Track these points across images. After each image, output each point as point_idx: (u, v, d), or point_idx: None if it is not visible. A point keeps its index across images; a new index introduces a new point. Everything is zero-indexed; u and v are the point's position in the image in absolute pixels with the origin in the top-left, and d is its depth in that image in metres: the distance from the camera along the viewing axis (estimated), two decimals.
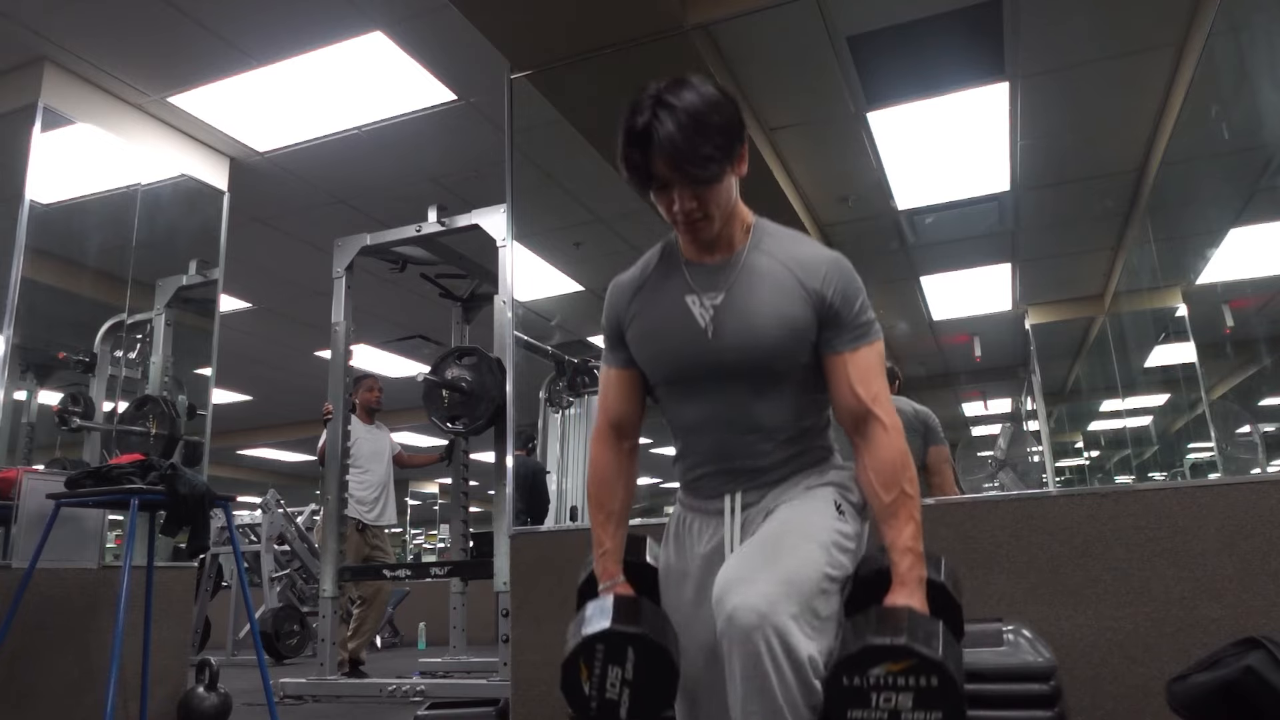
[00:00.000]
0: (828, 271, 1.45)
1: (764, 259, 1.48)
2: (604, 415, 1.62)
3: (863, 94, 3.96)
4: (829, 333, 1.45)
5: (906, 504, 1.39)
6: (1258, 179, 4.77)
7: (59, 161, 3.66)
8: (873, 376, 1.45)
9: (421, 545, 18.27)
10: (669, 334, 1.50)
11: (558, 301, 5.91)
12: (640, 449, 1.66)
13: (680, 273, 1.52)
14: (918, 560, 1.37)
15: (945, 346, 8.28)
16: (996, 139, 4.42)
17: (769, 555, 1.36)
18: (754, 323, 1.44)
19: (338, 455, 4.26)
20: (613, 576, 1.54)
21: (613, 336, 1.59)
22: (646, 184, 1.40)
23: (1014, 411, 10.23)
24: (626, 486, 1.61)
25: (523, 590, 2.72)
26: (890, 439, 1.42)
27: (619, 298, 1.58)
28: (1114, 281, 6.48)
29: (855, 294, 1.46)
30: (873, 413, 1.43)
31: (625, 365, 1.59)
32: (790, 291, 1.44)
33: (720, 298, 1.46)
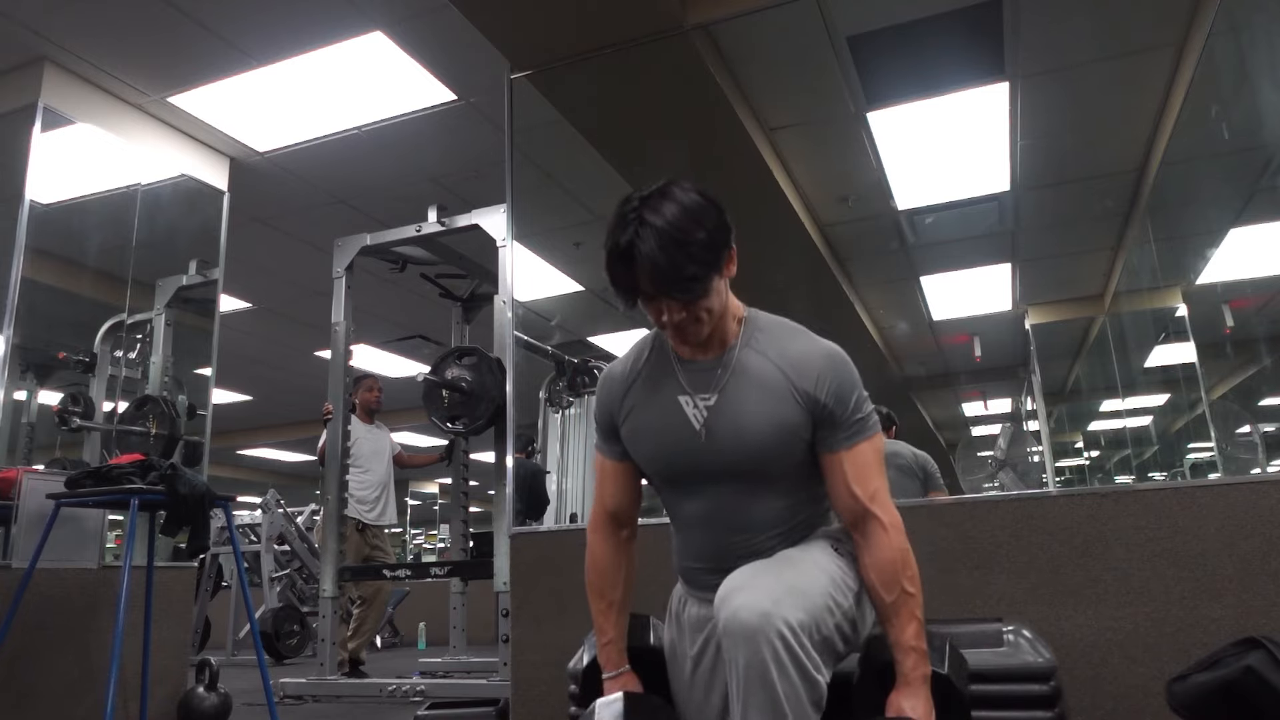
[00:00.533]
0: (820, 372, 1.43)
1: (756, 358, 1.47)
2: (601, 506, 1.62)
3: (863, 94, 3.96)
4: (824, 432, 1.44)
5: (908, 603, 1.39)
6: (1258, 179, 4.77)
7: (59, 161, 3.66)
8: (870, 474, 1.44)
9: (421, 545, 18.27)
10: (663, 435, 1.49)
11: (558, 301, 5.91)
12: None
13: (672, 370, 1.51)
14: (921, 659, 1.37)
15: (945, 346, 8.27)
16: (996, 139, 4.42)
17: (774, 569, 1.38)
18: (747, 426, 1.43)
19: (338, 455, 4.26)
20: (617, 666, 1.55)
21: (606, 429, 1.59)
22: (633, 299, 1.39)
23: (1014, 411, 10.23)
24: (627, 575, 1.61)
25: (523, 590, 2.72)
26: (890, 538, 1.41)
27: (612, 392, 1.57)
28: (1114, 281, 6.48)
29: (849, 392, 1.44)
30: (871, 512, 1.42)
31: (620, 458, 1.59)
32: (783, 394, 1.43)
33: (714, 399, 1.46)
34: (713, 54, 3.44)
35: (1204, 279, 5.76)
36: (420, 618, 8.12)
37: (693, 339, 1.44)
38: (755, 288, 1.78)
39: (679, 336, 1.44)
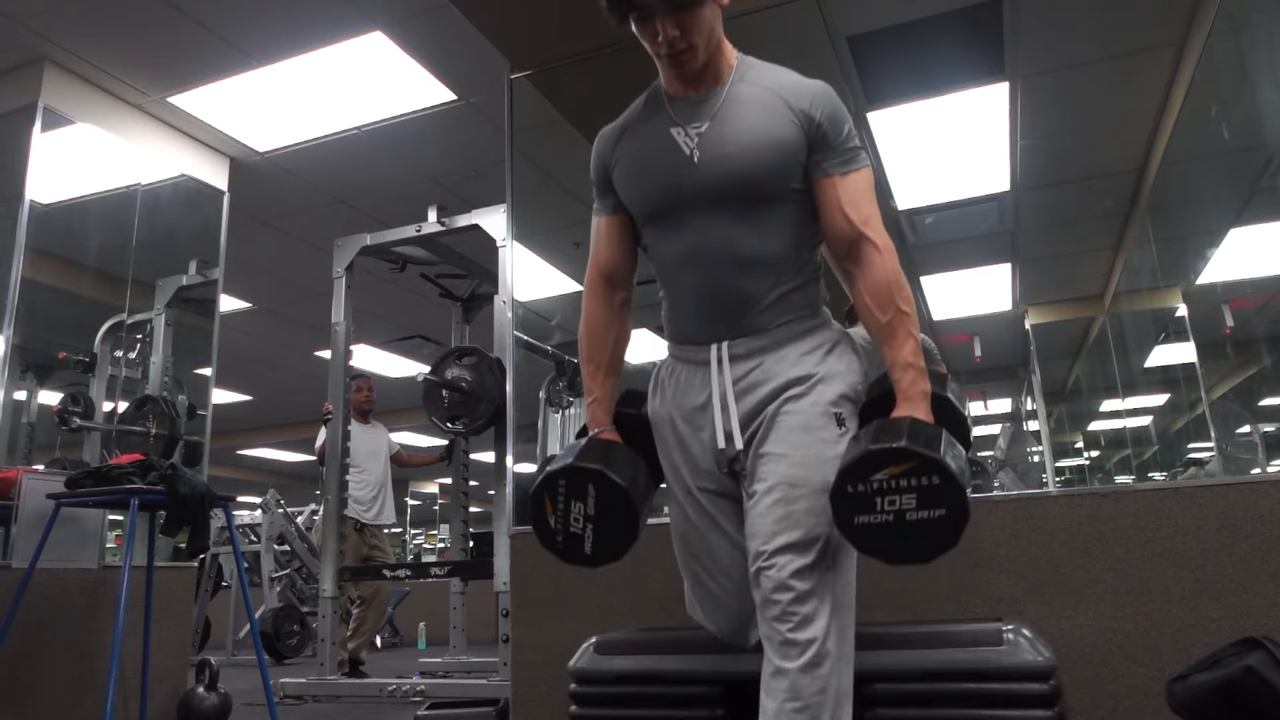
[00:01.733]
0: (815, 95, 1.45)
1: (750, 88, 1.47)
2: (595, 266, 1.63)
3: (863, 94, 3.96)
4: (818, 155, 1.44)
5: (903, 321, 1.40)
6: (1258, 179, 4.77)
7: (59, 161, 3.66)
8: (864, 200, 1.45)
9: (421, 545, 18.27)
10: (654, 166, 1.49)
11: (558, 301, 5.90)
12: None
13: (665, 109, 1.52)
14: (920, 375, 1.38)
15: (945, 346, 8.27)
16: (996, 139, 4.42)
17: (788, 519, 1.38)
18: (740, 144, 1.43)
19: (338, 455, 4.26)
20: (600, 424, 1.57)
21: (600, 183, 1.60)
22: (626, 13, 1.39)
23: (1014, 411, 10.22)
24: (618, 338, 1.61)
25: (523, 590, 2.72)
26: (883, 259, 1.42)
27: (605, 144, 1.58)
28: (1114, 281, 6.47)
29: (843, 119, 1.46)
30: (864, 235, 1.43)
31: (614, 211, 1.59)
32: (777, 113, 1.44)
33: (705, 126, 1.46)
34: None
35: (1204, 279, 5.75)
36: (420, 618, 8.12)
37: (688, 65, 1.44)
38: None
39: (673, 63, 1.44)
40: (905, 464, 1.25)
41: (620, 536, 1.46)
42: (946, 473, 1.24)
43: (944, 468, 1.24)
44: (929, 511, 1.25)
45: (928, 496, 1.25)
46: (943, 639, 1.69)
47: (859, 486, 1.27)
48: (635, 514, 1.45)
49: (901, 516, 1.25)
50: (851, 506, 1.28)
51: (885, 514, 1.26)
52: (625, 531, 1.46)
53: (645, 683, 1.83)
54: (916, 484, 1.25)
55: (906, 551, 1.29)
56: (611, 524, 1.45)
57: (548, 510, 1.48)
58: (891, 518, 1.26)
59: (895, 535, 1.26)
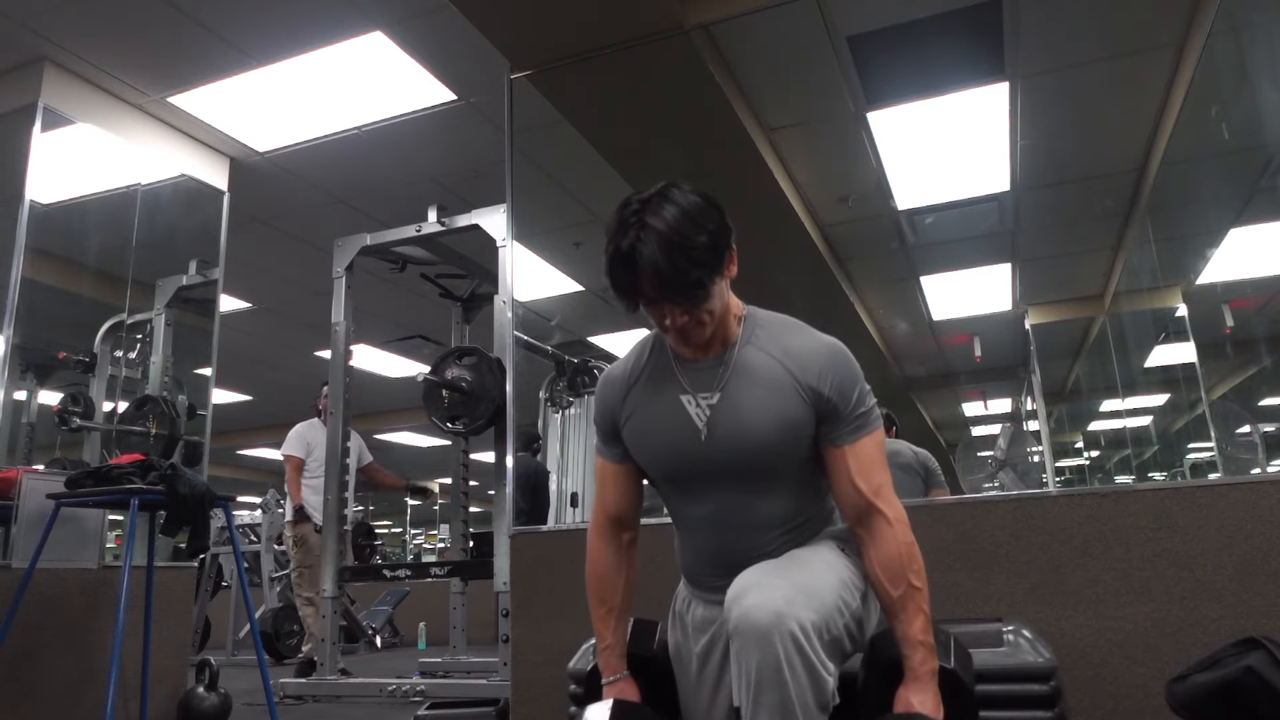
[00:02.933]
0: (823, 367, 1.43)
1: (757, 355, 1.46)
2: (601, 509, 1.61)
3: (863, 94, 3.96)
4: (827, 427, 1.44)
5: (915, 597, 1.38)
6: (1258, 179, 4.77)
7: (59, 161, 3.66)
8: (874, 468, 1.43)
9: (421, 545, 18.27)
10: (666, 436, 1.48)
11: (558, 301, 5.91)
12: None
13: (673, 371, 1.50)
14: (929, 654, 1.37)
15: (945, 346, 8.28)
16: (996, 139, 4.42)
17: (784, 568, 1.37)
18: (751, 424, 1.42)
19: (338, 455, 4.26)
20: (615, 672, 1.55)
21: (607, 432, 1.58)
22: (635, 303, 1.38)
23: (1014, 411, 10.23)
24: (627, 581, 1.60)
25: (523, 590, 2.72)
26: (894, 532, 1.40)
27: (612, 394, 1.56)
28: (1114, 281, 6.48)
29: (852, 385, 1.43)
30: (875, 506, 1.42)
31: (621, 460, 1.58)
32: (786, 390, 1.42)
33: (716, 398, 1.45)
34: (713, 54, 3.44)
35: (1204, 279, 5.75)
36: (420, 618, 8.12)
37: (695, 341, 1.44)
38: (755, 288, 1.78)
39: (681, 339, 1.44)
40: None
41: None
42: None
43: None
44: None
45: None
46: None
47: None
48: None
49: None
50: None
51: None
52: None
53: None
54: None
55: None
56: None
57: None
58: None
59: None
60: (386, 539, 16.67)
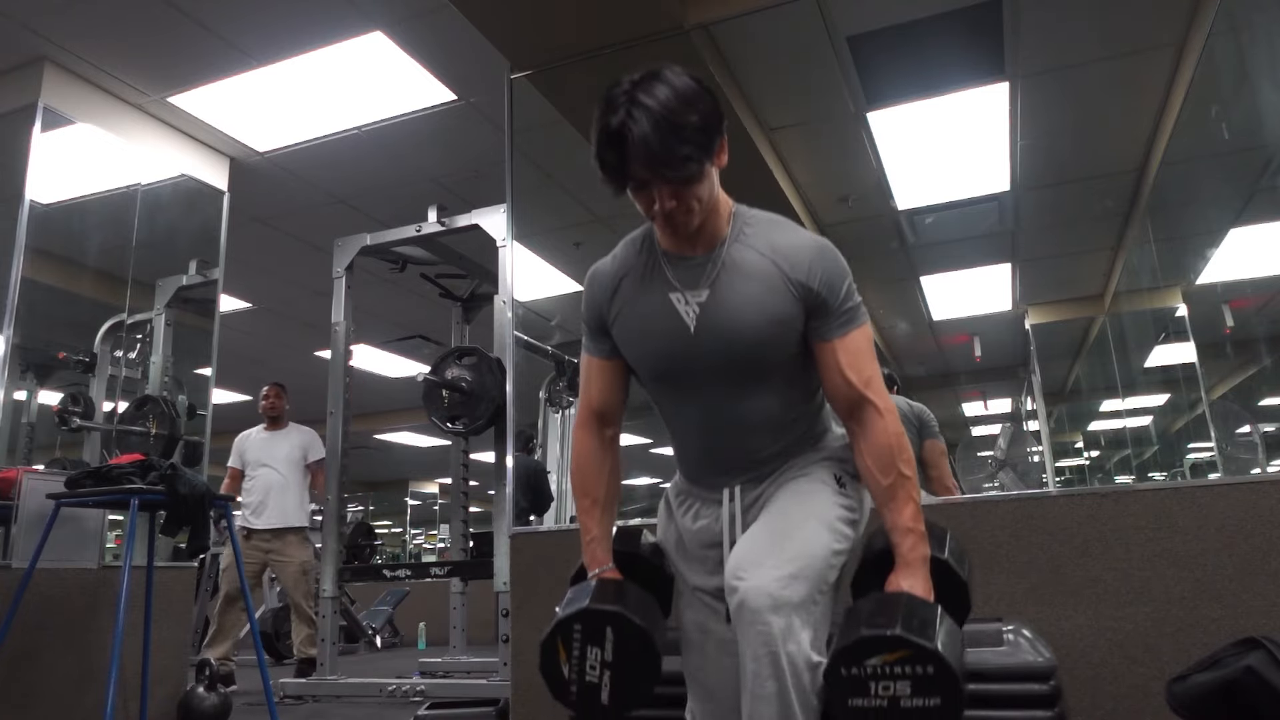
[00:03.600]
0: (812, 262, 1.43)
1: (747, 251, 1.45)
2: (586, 404, 1.61)
3: (863, 94, 3.96)
4: (816, 321, 1.44)
5: (904, 485, 1.39)
6: (1258, 179, 4.77)
7: (59, 161, 3.66)
8: (864, 361, 1.44)
9: (421, 545, 18.28)
10: (656, 334, 1.48)
11: (558, 301, 5.91)
12: (641, 449, 1.67)
13: (661, 269, 1.49)
14: (919, 540, 1.37)
15: (945, 346, 8.28)
16: (996, 139, 4.42)
17: (777, 538, 1.38)
18: (741, 320, 1.42)
19: (337, 454, 4.26)
20: (601, 563, 1.54)
21: (594, 328, 1.58)
22: (623, 185, 1.37)
23: (1014, 411, 10.23)
24: (612, 473, 1.60)
25: (523, 590, 2.72)
26: (885, 422, 1.41)
27: (600, 289, 1.56)
28: (1114, 281, 6.48)
29: (840, 280, 1.44)
30: (866, 397, 1.42)
31: (609, 356, 1.58)
32: (775, 285, 1.42)
33: (705, 295, 1.44)
34: (713, 54, 3.44)
35: (1204, 279, 5.76)
36: (420, 618, 8.12)
37: (683, 230, 1.42)
38: None
39: (669, 227, 1.42)
40: (900, 652, 1.24)
41: (640, 683, 1.40)
42: (942, 662, 1.22)
43: (939, 658, 1.22)
44: (924, 700, 1.23)
45: (922, 685, 1.23)
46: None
47: (853, 670, 1.25)
48: (657, 657, 1.40)
49: (896, 703, 1.24)
50: (845, 689, 1.26)
51: (879, 699, 1.24)
52: (645, 676, 1.40)
53: None
54: (911, 672, 1.23)
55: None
56: (631, 669, 1.39)
57: (561, 658, 1.42)
58: (885, 703, 1.24)
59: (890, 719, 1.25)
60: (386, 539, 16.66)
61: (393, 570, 4.64)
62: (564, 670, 1.42)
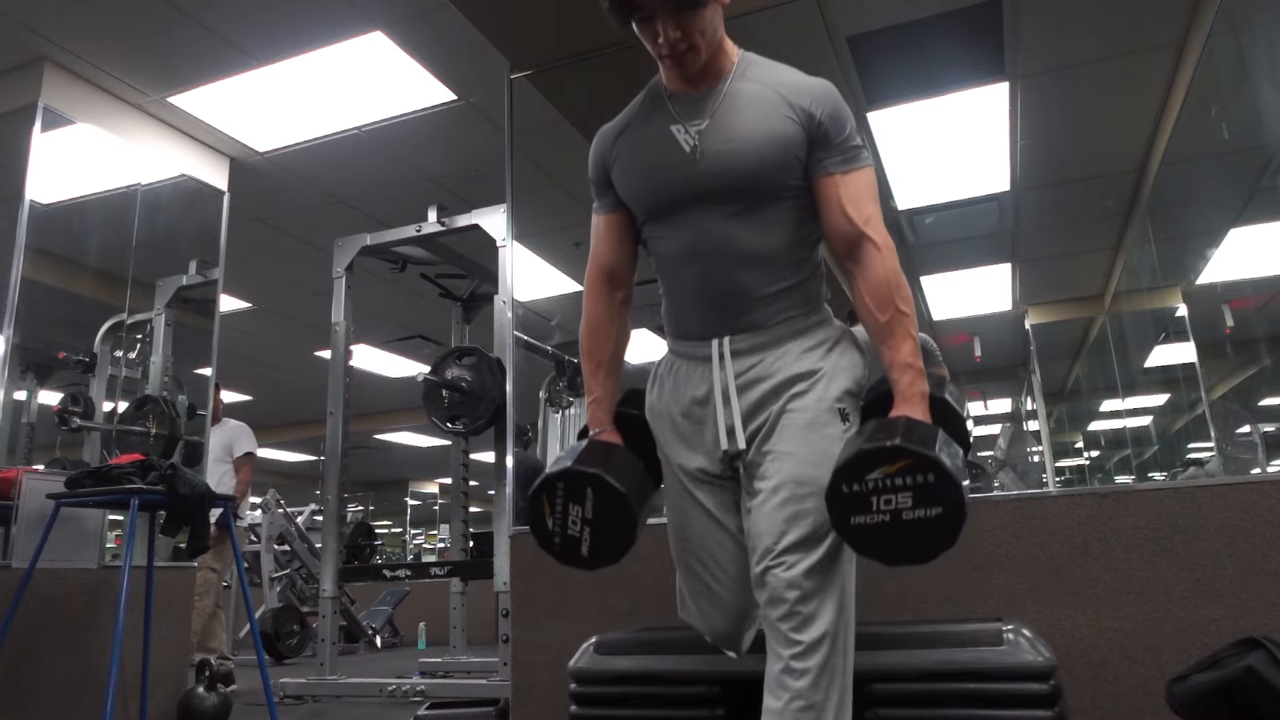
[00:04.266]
0: (816, 93, 1.44)
1: (751, 85, 1.47)
2: (595, 264, 1.63)
3: (863, 94, 3.96)
4: (819, 153, 1.44)
5: (902, 322, 1.39)
6: (1258, 179, 4.77)
7: (59, 161, 3.66)
8: (865, 199, 1.44)
9: (421, 545, 18.27)
10: (654, 164, 1.49)
11: (558, 301, 5.91)
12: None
13: (665, 106, 1.51)
14: (918, 375, 1.38)
15: (945, 346, 8.26)
16: (996, 139, 4.42)
17: (793, 521, 1.38)
18: (740, 139, 1.43)
19: (337, 454, 4.26)
20: (601, 424, 1.57)
21: (600, 181, 1.60)
22: (628, 14, 1.38)
23: (1014, 411, 10.22)
24: (619, 336, 1.61)
25: (523, 590, 2.72)
26: (883, 259, 1.42)
27: (604, 142, 1.58)
28: (1114, 281, 6.47)
29: (844, 118, 1.45)
30: (865, 234, 1.43)
31: (613, 209, 1.59)
32: (777, 110, 1.43)
33: (705, 123, 1.46)
34: None
35: (1204, 279, 5.75)
36: (420, 618, 8.12)
37: (689, 65, 1.44)
38: None
39: (674, 63, 1.44)
40: (900, 462, 1.24)
41: (617, 540, 1.46)
42: (942, 470, 1.23)
43: (939, 465, 1.23)
44: (925, 510, 1.24)
45: (923, 495, 1.24)
46: (943, 639, 1.69)
47: (854, 486, 1.26)
48: (633, 519, 1.45)
49: (898, 516, 1.24)
50: (847, 507, 1.27)
51: (881, 514, 1.25)
52: (622, 535, 1.46)
53: (645, 683, 1.84)
54: (911, 482, 1.24)
55: (904, 552, 1.28)
56: (609, 528, 1.45)
57: (545, 512, 1.48)
58: (888, 517, 1.24)
59: (892, 535, 1.25)
60: (386, 539, 16.66)
61: (393, 570, 4.64)
62: (548, 523, 1.48)
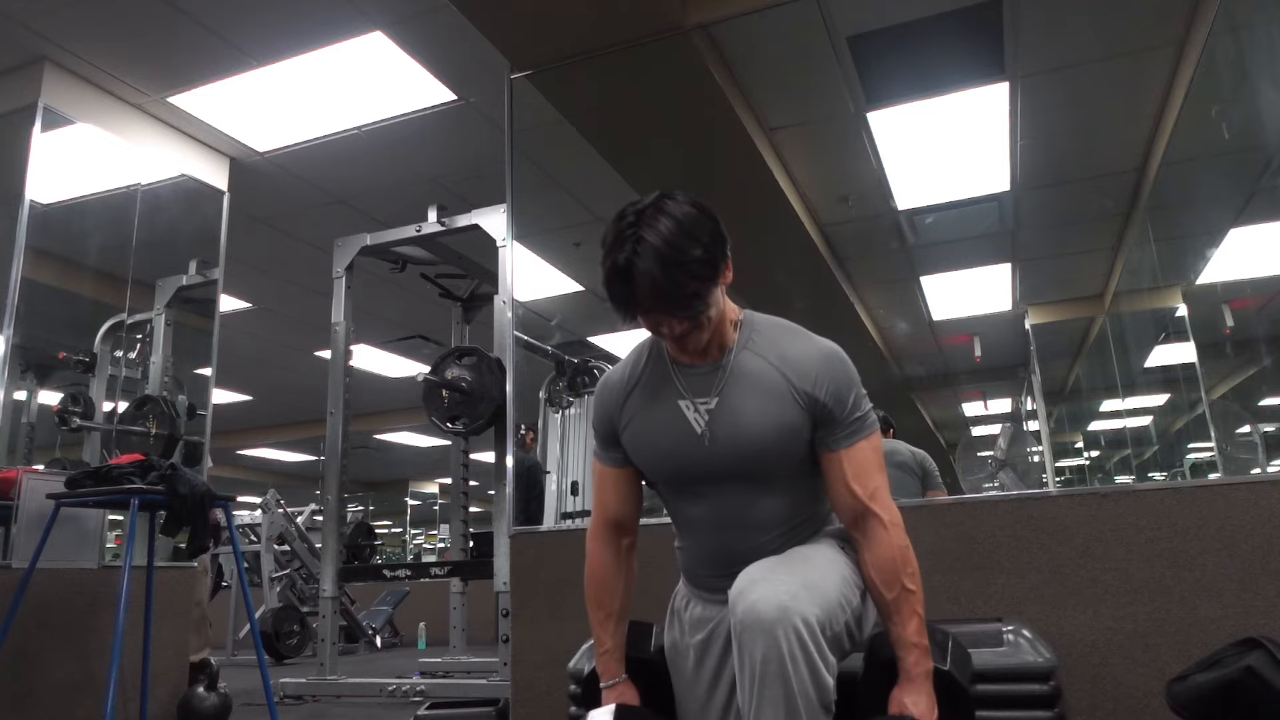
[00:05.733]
0: (819, 372, 1.44)
1: (754, 360, 1.47)
2: (601, 514, 1.62)
3: (863, 94, 3.96)
4: (823, 431, 1.45)
5: (909, 600, 1.40)
6: (1258, 179, 4.77)
7: (59, 161, 3.66)
8: (870, 472, 1.44)
9: (421, 545, 18.27)
10: (666, 441, 1.50)
11: (558, 301, 5.91)
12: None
13: (670, 376, 1.51)
14: (923, 655, 1.38)
15: (945, 346, 8.27)
16: (996, 139, 4.42)
17: (789, 564, 1.38)
18: (749, 428, 1.44)
19: (337, 454, 4.26)
20: (614, 676, 1.56)
21: (606, 437, 1.59)
22: (633, 315, 1.39)
23: (1014, 411, 10.22)
24: (626, 585, 1.61)
25: (523, 590, 2.72)
26: (890, 536, 1.42)
27: (610, 399, 1.57)
28: (1114, 281, 6.47)
29: (848, 391, 1.45)
30: (871, 510, 1.43)
31: (621, 465, 1.59)
32: (782, 395, 1.44)
33: (714, 403, 1.47)
34: (713, 54, 3.44)
35: (1204, 279, 5.75)
36: (420, 618, 8.13)
37: (693, 348, 1.45)
38: (756, 288, 1.78)
39: (679, 346, 1.45)
40: None
41: None
42: None
43: None
44: None
45: None
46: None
47: None
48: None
49: None
50: None
51: None
52: None
53: None
54: None
55: None
56: None
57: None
58: None
59: None
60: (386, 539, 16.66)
61: (393, 570, 4.64)
62: None
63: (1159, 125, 4.31)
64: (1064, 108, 4.23)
